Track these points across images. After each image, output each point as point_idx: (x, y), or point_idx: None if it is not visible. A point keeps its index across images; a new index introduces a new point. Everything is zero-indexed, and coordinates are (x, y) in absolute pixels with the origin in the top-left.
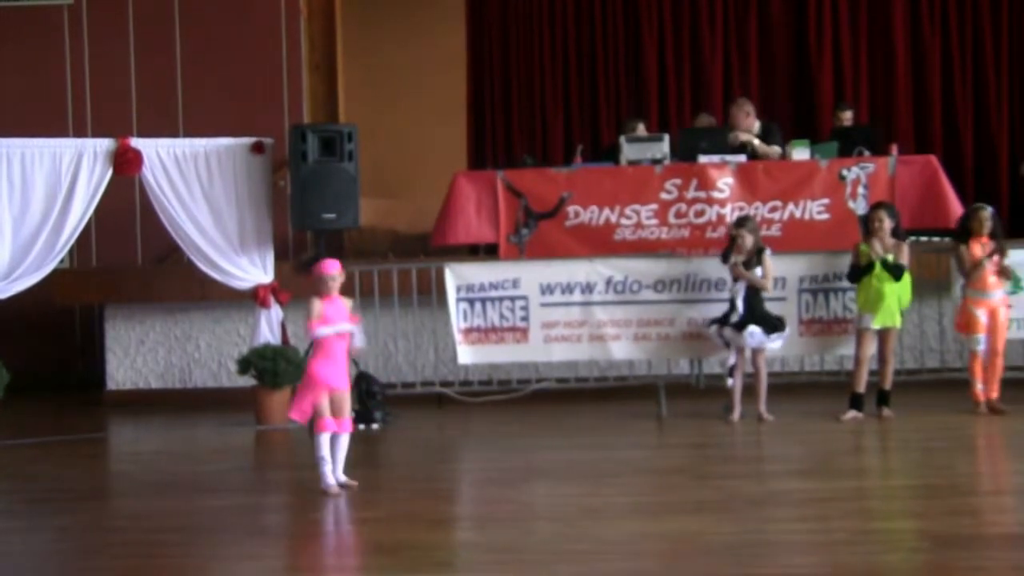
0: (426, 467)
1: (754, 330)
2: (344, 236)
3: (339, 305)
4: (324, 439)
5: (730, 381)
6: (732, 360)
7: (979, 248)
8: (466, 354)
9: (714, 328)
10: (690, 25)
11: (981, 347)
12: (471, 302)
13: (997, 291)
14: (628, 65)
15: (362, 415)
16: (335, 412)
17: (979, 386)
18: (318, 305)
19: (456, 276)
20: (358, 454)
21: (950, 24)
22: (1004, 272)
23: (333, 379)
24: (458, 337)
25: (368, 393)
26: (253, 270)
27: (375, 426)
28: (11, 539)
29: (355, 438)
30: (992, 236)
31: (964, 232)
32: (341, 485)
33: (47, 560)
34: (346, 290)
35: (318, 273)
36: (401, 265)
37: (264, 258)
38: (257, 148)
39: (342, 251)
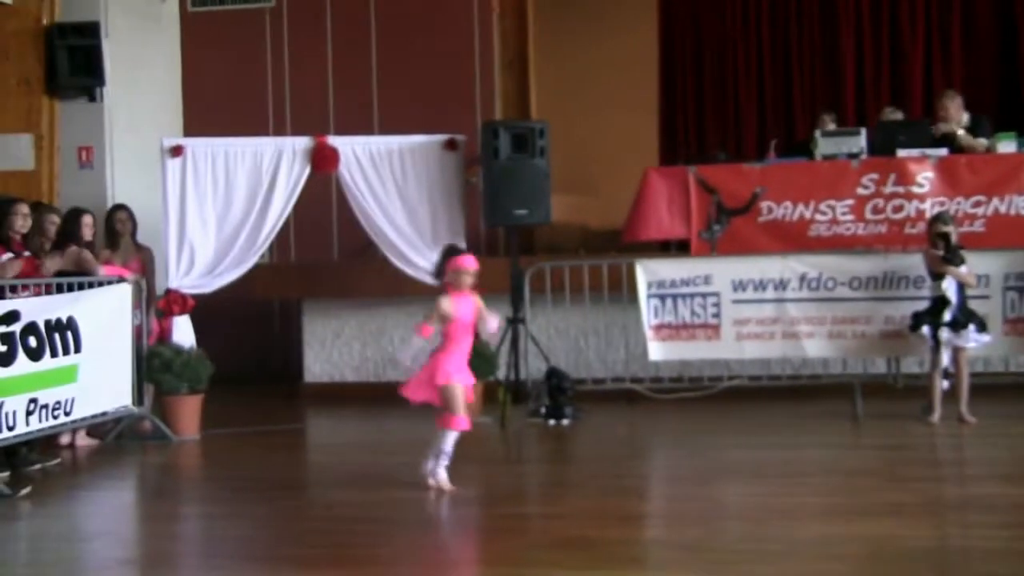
0: (616, 464)
1: (971, 329)
2: (535, 232)
3: (469, 302)
4: (453, 436)
5: (946, 383)
6: (947, 361)
7: None
8: (657, 351)
9: (926, 328)
10: (889, 13)
11: None
12: (662, 298)
13: None
14: (823, 57)
15: (552, 411)
16: (450, 407)
17: None
18: (445, 304)
19: (647, 272)
20: (549, 450)
21: None
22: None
23: (458, 374)
24: (649, 333)
25: (559, 389)
26: None
27: (565, 422)
28: (213, 524)
29: (546, 434)
30: None
31: None
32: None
33: (246, 546)
34: (537, 285)
35: (455, 267)
36: (592, 261)
37: None
38: (450, 145)
39: (533, 247)
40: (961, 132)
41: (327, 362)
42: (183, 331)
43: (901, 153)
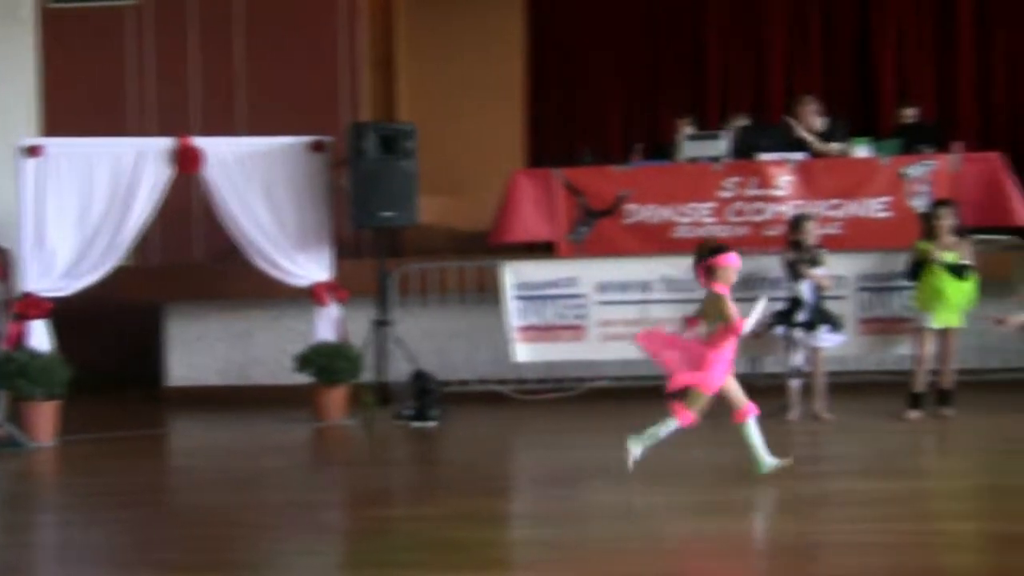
0: (482, 465)
1: (824, 329)
2: (403, 234)
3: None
4: (752, 423)
5: (795, 382)
6: (800, 360)
7: None
8: (522, 352)
9: (781, 328)
10: (752, 22)
11: None
12: (528, 300)
13: None
14: (688, 62)
15: (418, 413)
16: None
17: None
18: (732, 304)
19: (513, 274)
20: (414, 451)
21: (1016, 20)
22: None
23: (720, 380)
24: (514, 335)
25: (424, 391)
26: (312, 268)
27: (431, 424)
28: (72, 531)
29: (411, 436)
30: None
31: None
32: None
33: (107, 553)
34: (404, 287)
35: (722, 264)
36: (459, 263)
37: (323, 256)
38: (316, 147)
39: (400, 249)
40: (812, 138)
41: (191, 366)
42: (39, 335)
43: (762, 157)
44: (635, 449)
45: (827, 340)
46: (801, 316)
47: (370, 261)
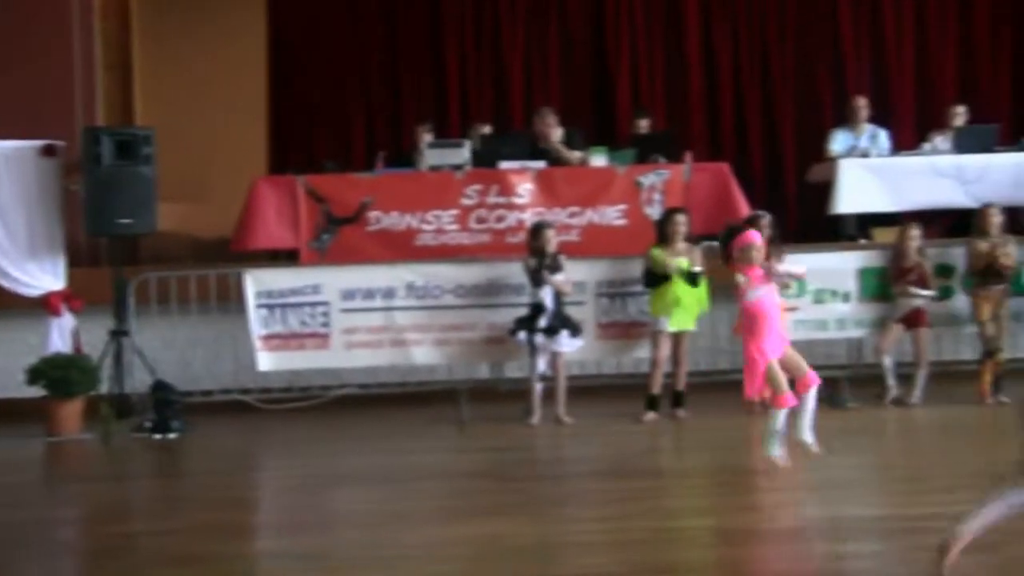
0: (226, 476)
1: (565, 334)
2: (141, 241)
3: (760, 274)
4: (783, 414)
5: (537, 386)
6: (542, 365)
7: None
8: (266, 361)
9: (523, 334)
10: (491, 33)
11: None
12: (271, 308)
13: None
14: (430, 71)
15: (159, 425)
16: (793, 372)
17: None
18: (742, 280)
19: (256, 282)
20: (156, 465)
21: (740, 35)
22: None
23: (777, 349)
24: (257, 343)
25: (165, 402)
26: (43, 277)
27: (172, 435)
28: None
29: (152, 448)
30: (771, 242)
31: None
32: (805, 443)
33: None
34: (142, 296)
35: (741, 243)
36: (199, 271)
37: (55, 265)
38: (47, 151)
39: (138, 257)
40: (554, 148)
41: None
42: None
43: (503, 165)
44: (777, 453)
45: (567, 345)
46: (542, 322)
47: (106, 269)
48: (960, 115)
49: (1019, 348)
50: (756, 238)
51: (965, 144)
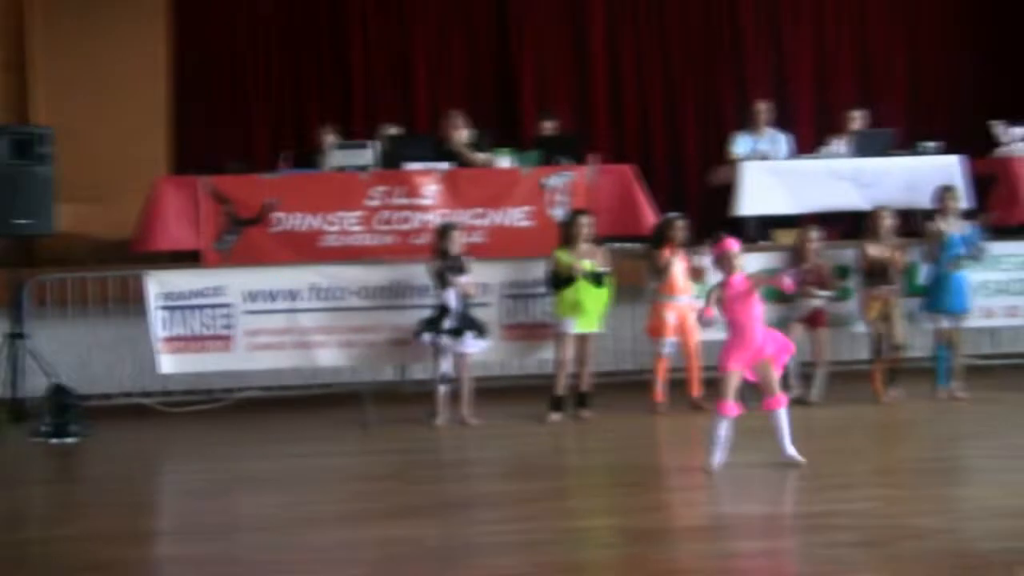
0: (126, 481)
1: (470, 336)
2: (38, 242)
3: (741, 283)
4: (725, 422)
5: (442, 388)
6: (447, 367)
7: (671, 254)
8: (167, 363)
9: (428, 335)
10: (396, 33)
11: (667, 349)
12: (172, 310)
13: (686, 295)
14: (334, 71)
15: (57, 429)
16: (764, 387)
17: (660, 387)
18: (715, 292)
19: (157, 284)
20: (54, 470)
21: (643, 38)
22: (697, 274)
23: (746, 360)
24: (159, 346)
25: (63, 406)
26: None
27: (71, 440)
28: None
29: (50, 453)
30: (683, 244)
31: (659, 239)
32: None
33: None
34: (39, 298)
35: (719, 251)
36: (98, 273)
37: None
38: None
39: (36, 258)
40: (462, 149)
41: None
42: None
43: (408, 166)
44: (794, 455)
45: (473, 346)
46: (447, 323)
47: (3, 271)
48: (857, 119)
49: (912, 347)
50: (734, 246)
51: (862, 148)
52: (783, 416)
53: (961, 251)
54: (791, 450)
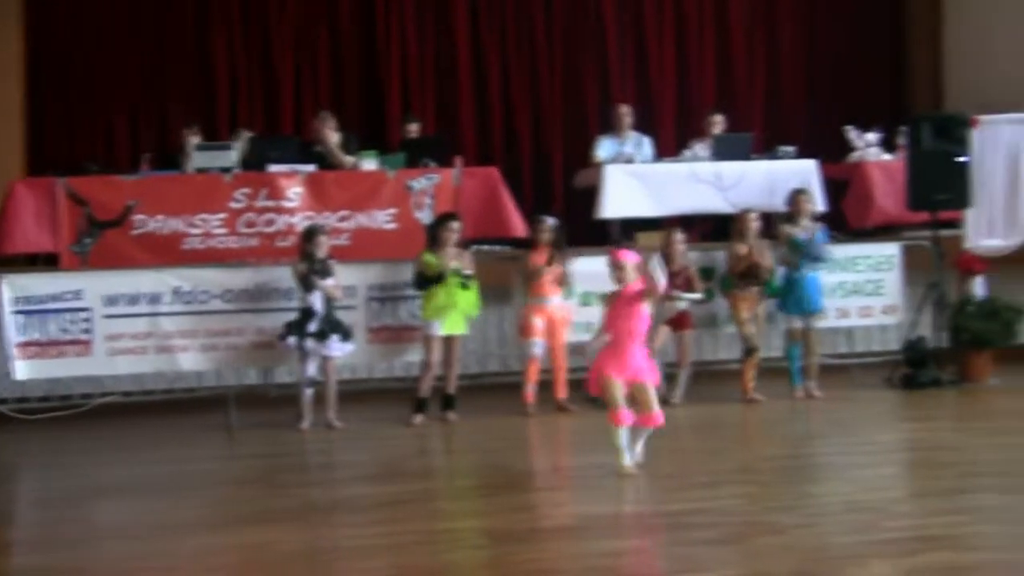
0: None
1: (335, 339)
2: None
3: (631, 296)
4: (623, 431)
5: (307, 392)
6: (312, 370)
7: (539, 257)
8: (23, 369)
9: (293, 338)
10: (260, 34)
11: (537, 351)
12: (29, 314)
13: (554, 298)
14: (197, 72)
15: None
16: (640, 404)
17: (530, 388)
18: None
19: (12, 287)
20: None
21: (509, 42)
22: (562, 280)
23: (617, 368)
24: (14, 351)
25: None
26: None
27: None
28: None
29: None
30: (551, 246)
31: (527, 241)
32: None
33: None
34: None
35: (612, 260)
36: None
37: None
38: None
39: None
40: (331, 151)
41: None
42: None
43: (272, 168)
44: (626, 462)
45: (338, 349)
46: (312, 326)
47: None
48: (718, 124)
49: (772, 348)
50: (628, 257)
51: (723, 152)
52: (648, 433)
53: (809, 253)
54: (631, 461)
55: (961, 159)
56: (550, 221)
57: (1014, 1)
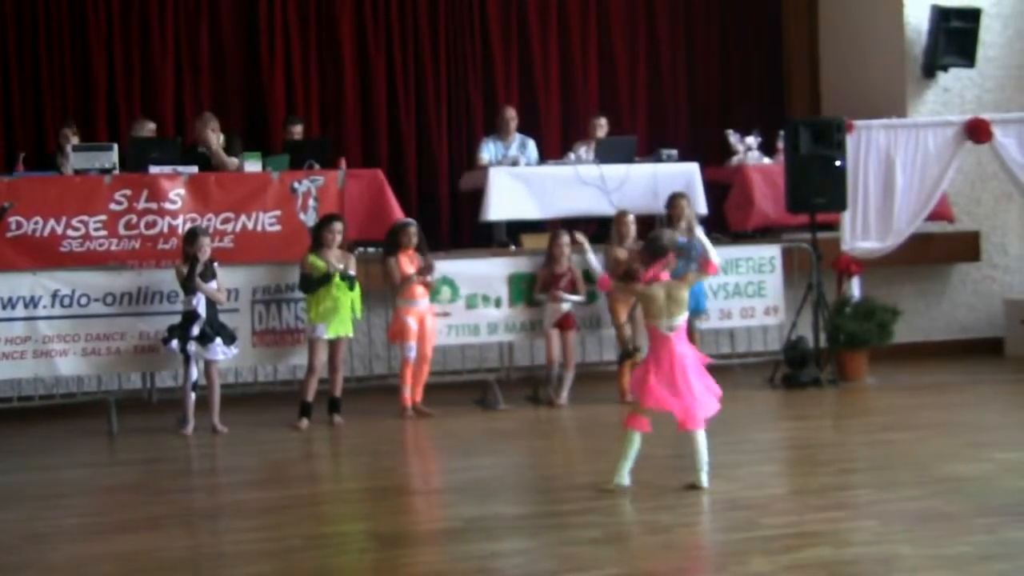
0: None
1: (219, 342)
2: None
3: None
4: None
5: (191, 396)
6: (195, 374)
7: (407, 260)
8: None
9: (175, 342)
10: (140, 31)
11: (412, 353)
12: None
13: (424, 300)
14: (75, 71)
15: None
16: None
17: (407, 391)
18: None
19: None
20: None
21: (394, 43)
22: (428, 284)
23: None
24: None
25: None
26: None
27: None
28: None
29: None
30: (417, 249)
31: (393, 245)
32: None
33: None
34: None
35: None
36: None
37: None
38: None
39: None
40: (213, 153)
41: None
42: None
43: (154, 170)
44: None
45: (222, 353)
46: (195, 330)
47: None
48: (602, 127)
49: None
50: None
51: (607, 154)
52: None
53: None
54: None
55: (837, 163)
56: (414, 225)
57: (888, 8)
